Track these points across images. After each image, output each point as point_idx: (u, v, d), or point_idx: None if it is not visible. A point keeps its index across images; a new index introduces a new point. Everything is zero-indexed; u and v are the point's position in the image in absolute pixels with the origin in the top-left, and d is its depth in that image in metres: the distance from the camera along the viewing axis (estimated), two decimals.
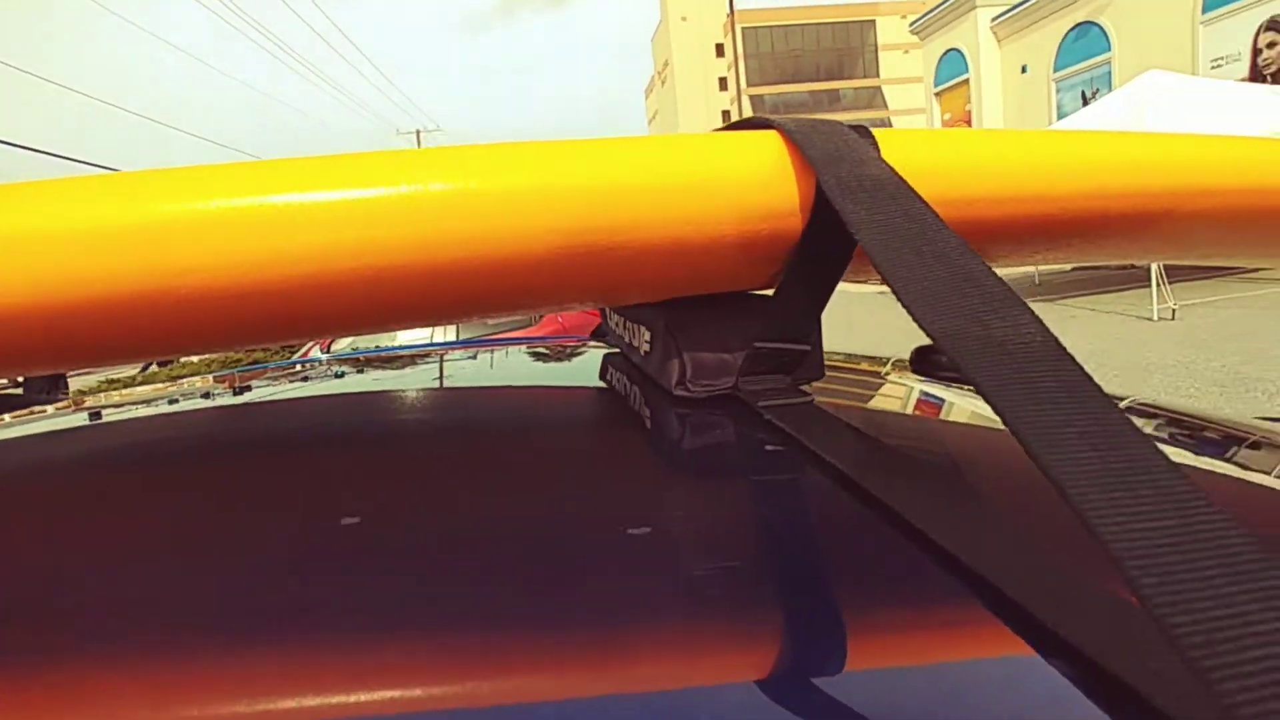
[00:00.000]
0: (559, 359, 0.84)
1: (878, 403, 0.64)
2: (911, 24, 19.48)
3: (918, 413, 0.61)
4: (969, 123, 19.87)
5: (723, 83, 51.28)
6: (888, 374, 0.74)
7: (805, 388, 0.45)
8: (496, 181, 0.35)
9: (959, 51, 19.14)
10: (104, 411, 0.67)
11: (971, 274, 0.28)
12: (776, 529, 0.34)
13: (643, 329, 0.52)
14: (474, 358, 0.88)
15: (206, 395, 0.73)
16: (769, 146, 0.38)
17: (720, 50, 50.88)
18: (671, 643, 0.26)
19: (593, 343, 0.89)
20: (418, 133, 34.54)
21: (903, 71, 45.03)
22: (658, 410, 0.49)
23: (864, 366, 0.80)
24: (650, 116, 68.38)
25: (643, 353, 0.53)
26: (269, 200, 0.34)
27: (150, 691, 0.25)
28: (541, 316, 4.85)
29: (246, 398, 0.71)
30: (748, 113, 47.45)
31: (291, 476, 0.45)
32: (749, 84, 47.47)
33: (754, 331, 0.43)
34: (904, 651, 0.25)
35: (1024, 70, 17.67)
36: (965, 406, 0.57)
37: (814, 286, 0.40)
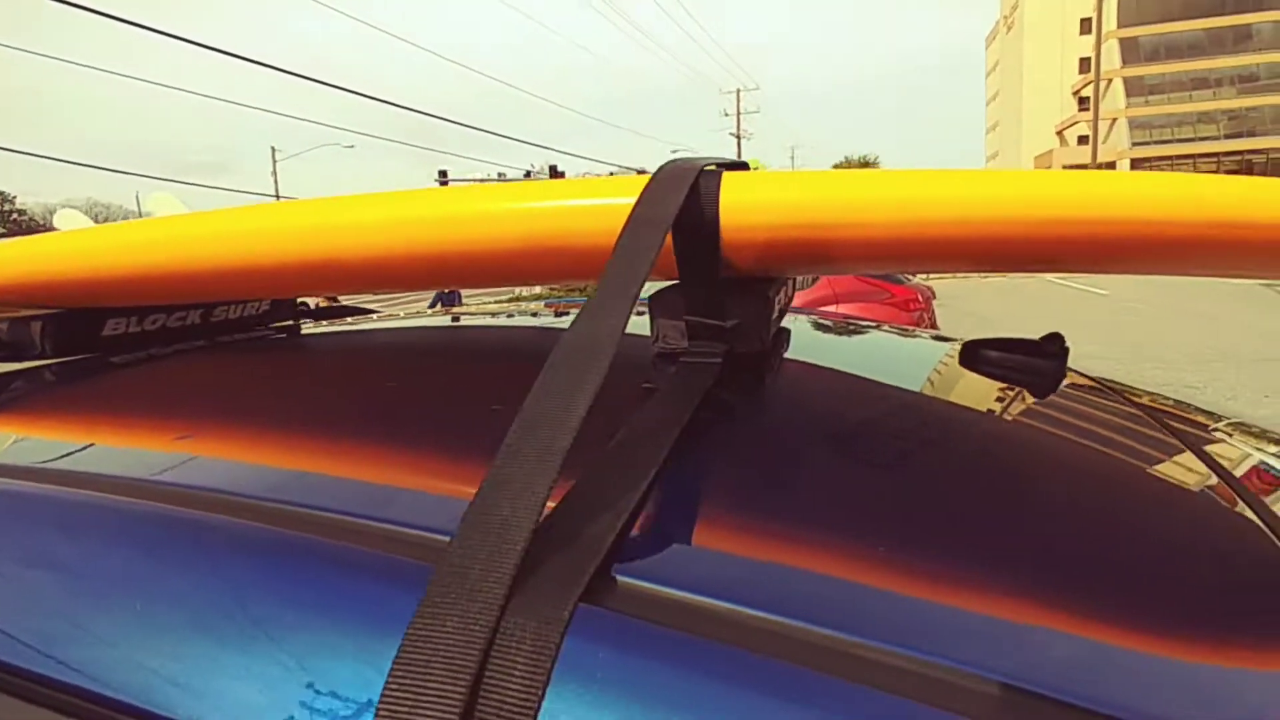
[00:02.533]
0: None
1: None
2: None
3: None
4: None
5: (1085, 24, 44.07)
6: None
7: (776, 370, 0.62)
8: (482, 207, 0.56)
9: None
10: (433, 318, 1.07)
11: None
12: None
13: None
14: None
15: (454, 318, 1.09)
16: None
17: None
18: None
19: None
20: (738, 91, 35.53)
21: None
22: (645, 356, 0.59)
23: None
24: (989, 68, 61.39)
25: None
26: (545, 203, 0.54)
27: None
28: (815, 280, 5.18)
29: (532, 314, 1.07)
30: (1112, 60, 40.32)
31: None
32: (1122, 23, 40.15)
33: (687, 308, 0.55)
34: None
35: None
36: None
37: (686, 282, 0.54)
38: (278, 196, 30.14)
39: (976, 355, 0.74)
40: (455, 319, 1.07)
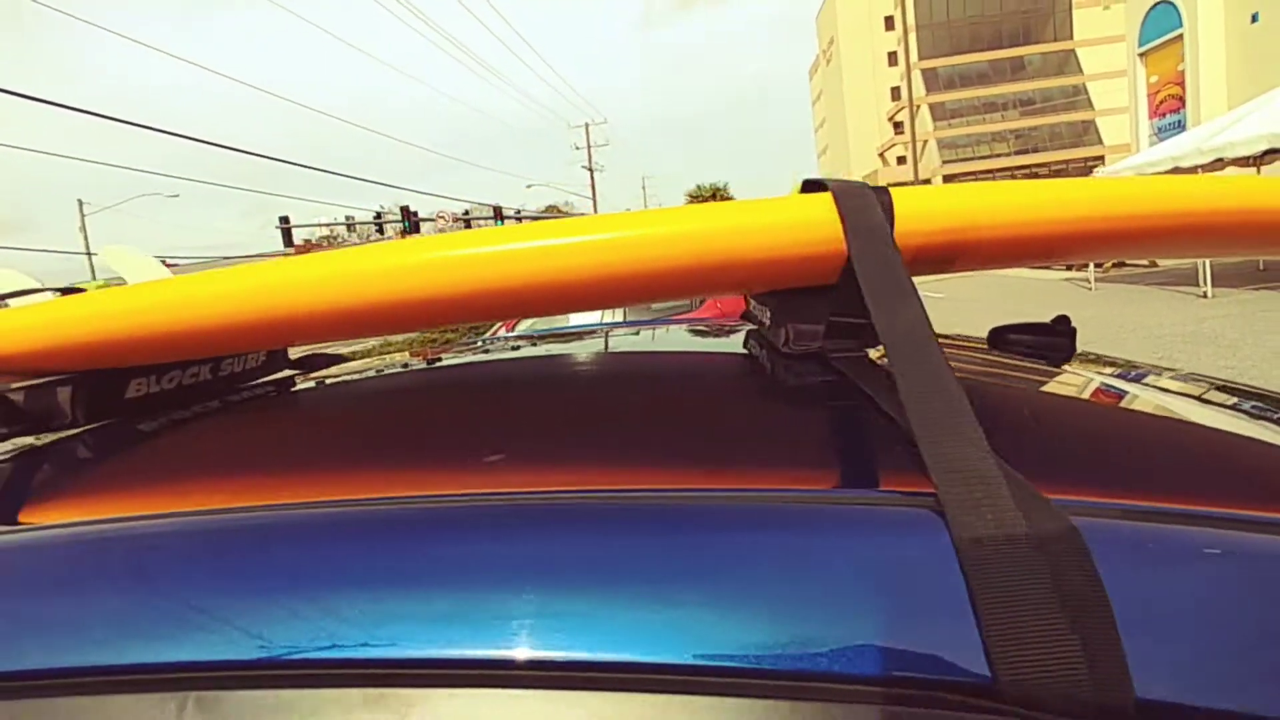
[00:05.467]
0: (715, 333, 1.14)
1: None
2: None
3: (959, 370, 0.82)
4: (1182, 86, 17.79)
5: (891, 58, 48.79)
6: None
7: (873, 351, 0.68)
8: (663, 229, 0.55)
9: (1170, 3, 17.15)
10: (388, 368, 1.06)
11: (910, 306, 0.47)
12: (818, 423, 0.60)
13: (767, 309, 0.75)
14: (637, 334, 1.26)
15: (432, 361, 1.13)
16: (825, 201, 0.54)
17: (890, 23, 48.41)
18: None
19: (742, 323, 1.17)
20: (586, 126, 36.19)
21: (1101, 30, 40.46)
22: (774, 359, 0.74)
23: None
24: (815, 97, 66.40)
25: (766, 325, 0.76)
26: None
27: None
28: (703, 302, 5.45)
29: (460, 360, 1.09)
30: (917, 88, 44.72)
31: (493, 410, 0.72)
32: (921, 57, 44.82)
33: (832, 310, 0.64)
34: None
35: (1254, 19, 15.49)
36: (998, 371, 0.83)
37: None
38: (88, 252, 27.14)
39: (1001, 338, 0.90)
40: (436, 360, 1.09)
